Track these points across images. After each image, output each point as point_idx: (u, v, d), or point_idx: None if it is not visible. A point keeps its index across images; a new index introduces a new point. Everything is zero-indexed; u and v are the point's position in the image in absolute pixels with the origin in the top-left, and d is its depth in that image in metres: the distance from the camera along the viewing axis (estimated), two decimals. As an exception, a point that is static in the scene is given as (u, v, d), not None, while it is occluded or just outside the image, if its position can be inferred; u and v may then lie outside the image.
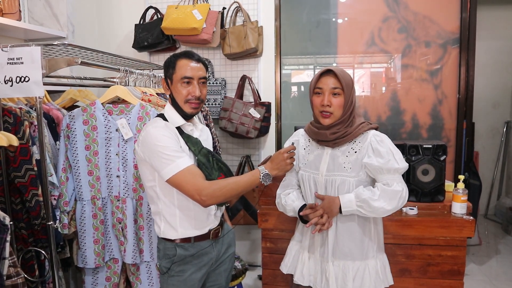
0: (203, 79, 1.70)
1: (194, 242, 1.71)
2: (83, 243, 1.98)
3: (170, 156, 1.57)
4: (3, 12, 2.47)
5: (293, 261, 1.83)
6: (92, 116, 1.98)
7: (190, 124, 1.74)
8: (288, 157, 1.65)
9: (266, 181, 1.62)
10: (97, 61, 2.22)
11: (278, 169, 1.65)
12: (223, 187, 1.58)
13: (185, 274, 1.71)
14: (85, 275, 2.07)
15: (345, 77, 1.62)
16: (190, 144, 1.68)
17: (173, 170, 1.56)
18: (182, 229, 1.69)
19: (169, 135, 1.61)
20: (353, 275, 1.66)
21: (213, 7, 3.27)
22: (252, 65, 3.37)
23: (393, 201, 1.58)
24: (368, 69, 3.42)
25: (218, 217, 1.79)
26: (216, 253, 1.78)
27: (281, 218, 2.29)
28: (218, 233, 1.79)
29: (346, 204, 1.60)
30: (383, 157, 1.58)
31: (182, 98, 1.66)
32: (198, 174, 1.60)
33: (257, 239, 3.54)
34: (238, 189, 1.61)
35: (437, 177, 2.19)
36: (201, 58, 1.72)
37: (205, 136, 1.83)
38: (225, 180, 1.63)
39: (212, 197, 1.57)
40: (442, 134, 3.30)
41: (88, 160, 1.98)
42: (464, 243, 2.16)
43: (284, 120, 3.46)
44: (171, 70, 1.69)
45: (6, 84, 1.69)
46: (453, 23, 3.20)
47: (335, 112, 1.62)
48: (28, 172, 1.76)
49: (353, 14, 3.34)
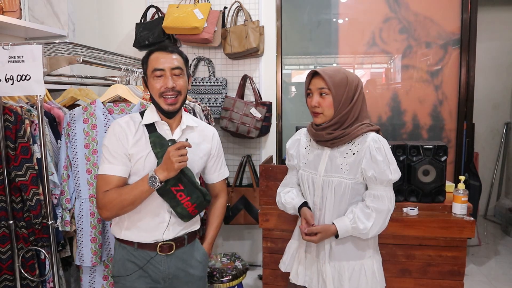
0: (177, 69, 1.57)
1: (137, 248, 1.61)
2: (80, 241, 1.98)
3: (103, 156, 1.58)
4: (3, 10, 2.46)
5: (291, 259, 1.83)
6: (92, 115, 1.98)
7: (165, 123, 1.62)
8: (176, 155, 1.46)
9: (153, 185, 1.48)
10: (98, 60, 2.21)
11: (166, 169, 1.48)
12: (113, 199, 1.52)
13: (126, 281, 1.62)
14: (82, 273, 2.06)
15: (334, 77, 1.60)
16: (155, 145, 1.57)
17: (99, 170, 1.59)
18: (126, 231, 1.62)
19: (117, 135, 1.58)
20: (348, 275, 1.65)
21: (214, 6, 3.27)
22: (253, 65, 3.37)
23: (386, 221, 1.63)
24: (368, 70, 3.42)
25: (176, 229, 1.63)
26: (165, 270, 1.62)
27: (282, 218, 2.29)
28: (170, 249, 1.62)
29: (343, 234, 1.62)
30: (378, 166, 1.58)
31: (156, 92, 1.57)
32: (109, 185, 1.54)
33: (257, 239, 3.54)
34: (130, 198, 1.51)
35: (438, 177, 2.19)
36: (176, 49, 1.61)
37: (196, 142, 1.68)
38: (117, 191, 1.53)
39: (105, 210, 1.54)
40: (443, 135, 3.30)
41: (87, 158, 1.97)
42: (464, 244, 2.16)
43: (285, 120, 3.46)
44: (145, 66, 1.61)
45: (7, 82, 1.69)
46: (453, 24, 3.21)
47: (324, 111, 1.62)
48: (29, 170, 1.76)
49: (354, 14, 3.34)
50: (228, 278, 2.54)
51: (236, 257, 2.76)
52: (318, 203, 1.69)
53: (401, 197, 2.24)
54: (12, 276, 1.80)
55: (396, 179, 1.61)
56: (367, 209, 1.60)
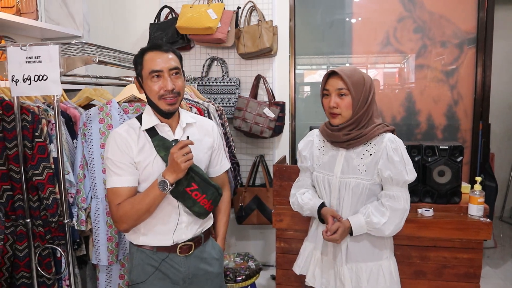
0: (175, 69, 1.52)
1: (156, 251, 1.60)
2: (97, 240, 1.99)
3: (108, 169, 1.55)
4: (21, 11, 2.50)
5: (306, 262, 1.81)
6: (108, 115, 1.99)
7: (165, 125, 1.59)
8: (181, 155, 1.43)
9: (164, 189, 1.46)
10: (113, 60, 2.23)
11: (174, 171, 1.45)
12: (128, 211, 1.50)
13: (145, 285, 1.60)
14: (99, 272, 2.08)
15: (353, 77, 1.58)
16: (160, 148, 1.55)
17: (107, 184, 1.56)
18: (143, 237, 1.60)
19: (119, 145, 1.54)
20: (367, 276, 1.64)
21: (228, 6, 3.28)
22: (266, 65, 3.37)
23: (402, 220, 1.61)
24: (382, 69, 3.39)
25: (193, 229, 1.63)
26: (185, 270, 1.62)
27: (295, 218, 2.28)
28: (189, 249, 1.62)
29: (357, 230, 1.61)
30: (395, 166, 1.57)
31: (155, 94, 1.51)
32: (121, 197, 1.52)
33: (270, 239, 3.53)
34: (144, 207, 1.49)
35: (453, 178, 2.16)
36: (170, 48, 1.56)
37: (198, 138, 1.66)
38: (130, 202, 1.51)
39: (121, 223, 1.53)
40: (458, 135, 3.25)
41: (103, 158, 1.99)
42: (480, 246, 2.13)
43: (299, 120, 3.45)
44: (139, 66, 1.54)
45: (25, 82, 1.70)
46: (469, 23, 3.16)
47: (343, 112, 1.60)
48: (45, 169, 1.78)
49: (367, 14, 3.32)
50: (241, 278, 2.54)
51: (249, 257, 2.77)
52: (335, 205, 1.68)
53: (416, 198, 2.22)
54: (29, 274, 1.82)
55: (412, 179, 1.60)
56: (382, 207, 1.60)
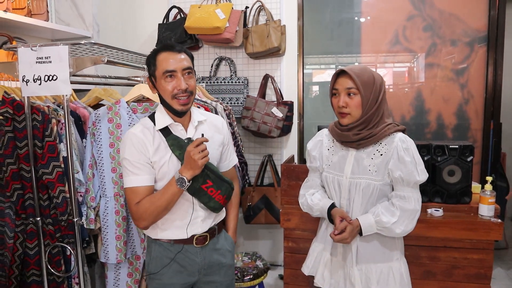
0: (187, 69, 1.57)
1: (173, 243, 1.66)
2: (105, 238, 2.01)
3: (126, 169, 1.59)
4: (31, 12, 2.53)
5: (315, 262, 1.80)
6: (116, 114, 2.01)
7: (178, 124, 1.64)
8: (197, 152, 1.49)
9: (183, 186, 1.52)
10: (122, 60, 2.25)
11: (191, 168, 1.51)
12: (147, 208, 1.55)
13: (163, 278, 1.66)
14: (107, 270, 2.10)
15: (362, 76, 1.56)
16: (174, 147, 1.59)
17: (125, 183, 1.61)
18: (162, 232, 1.66)
19: (135, 145, 1.58)
20: (376, 278, 1.62)
21: (236, 6, 3.28)
22: (274, 64, 3.36)
23: (413, 221, 1.58)
24: (391, 69, 3.37)
25: (208, 222, 1.69)
26: (201, 261, 1.68)
27: (303, 218, 2.28)
28: (205, 240, 1.68)
29: (367, 229, 1.59)
30: (406, 167, 1.55)
31: (169, 94, 1.56)
32: (139, 196, 1.57)
33: (278, 239, 3.53)
34: (163, 204, 1.55)
35: (464, 178, 2.14)
36: (182, 48, 1.60)
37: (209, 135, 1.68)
38: (149, 200, 1.56)
39: (141, 220, 1.58)
40: (468, 135, 3.22)
41: (112, 157, 2.00)
42: (491, 246, 2.10)
43: (307, 119, 3.44)
44: (153, 67, 1.59)
45: (35, 82, 1.73)
46: (480, 21, 3.13)
47: (352, 112, 1.59)
48: (55, 169, 1.80)
49: (376, 13, 3.30)
50: (249, 277, 2.54)
51: (257, 257, 2.77)
52: (345, 205, 1.67)
53: (426, 197, 2.20)
54: (39, 272, 1.84)
55: (423, 180, 1.57)
56: (392, 207, 1.58)
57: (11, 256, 1.76)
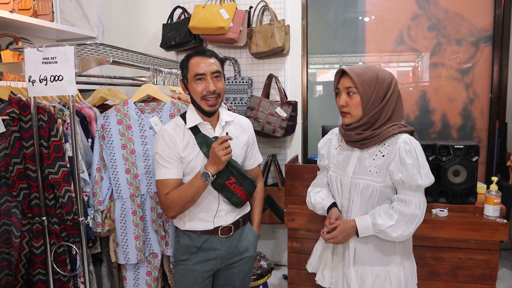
0: (216, 73, 1.72)
1: (200, 234, 1.79)
2: (124, 240, 2.00)
3: (157, 163, 1.75)
4: (37, 13, 2.54)
5: (318, 260, 1.81)
6: (125, 116, 2.01)
7: (207, 123, 1.77)
8: (221, 149, 1.63)
9: (207, 180, 1.66)
10: (126, 60, 2.26)
11: (215, 164, 1.65)
12: (175, 199, 1.70)
13: (188, 263, 1.80)
14: (126, 272, 2.08)
15: (363, 76, 1.54)
16: (202, 145, 1.73)
17: (156, 176, 1.77)
18: (189, 223, 1.80)
19: (167, 141, 1.73)
20: (372, 281, 1.59)
21: (240, 6, 3.28)
22: (278, 64, 3.36)
23: (411, 226, 1.53)
24: (396, 68, 3.36)
25: (232, 216, 1.82)
26: (225, 250, 1.81)
27: (307, 218, 2.28)
28: (230, 231, 1.82)
29: (363, 230, 1.57)
30: (407, 169, 1.50)
31: (198, 95, 1.71)
32: (168, 187, 1.72)
33: (282, 239, 3.53)
34: (189, 196, 1.69)
35: (469, 178, 2.13)
36: (213, 53, 1.74)
37: (235, 135, 1.82)
38: (176, 191, 1.71)
39: (170, 210, 1.74)
40: (473, 135, 3.21)
41: (125, 158, 2.00)
42: (497, 247, 2.10)
43: (311, 119, 3.44)
44: (185, 70, 1.74)
45: (41, 83, 1.73)
46: (485, 20, 3.12)
47: (352, 111, 1.58)
48: (61, 168, 1.80)
49: (381, 12, 3.29)
50: (253, 277, 2.55)
51: (261, 257, 2.77)
52: (345, 205, 1.66)
53: (430, 198, 2.20)
54: (45, 271, 1.85)
55: (427, 184, 1.52)
56: (391, 210, 1.54)
57: (18, 255, 1.77)
